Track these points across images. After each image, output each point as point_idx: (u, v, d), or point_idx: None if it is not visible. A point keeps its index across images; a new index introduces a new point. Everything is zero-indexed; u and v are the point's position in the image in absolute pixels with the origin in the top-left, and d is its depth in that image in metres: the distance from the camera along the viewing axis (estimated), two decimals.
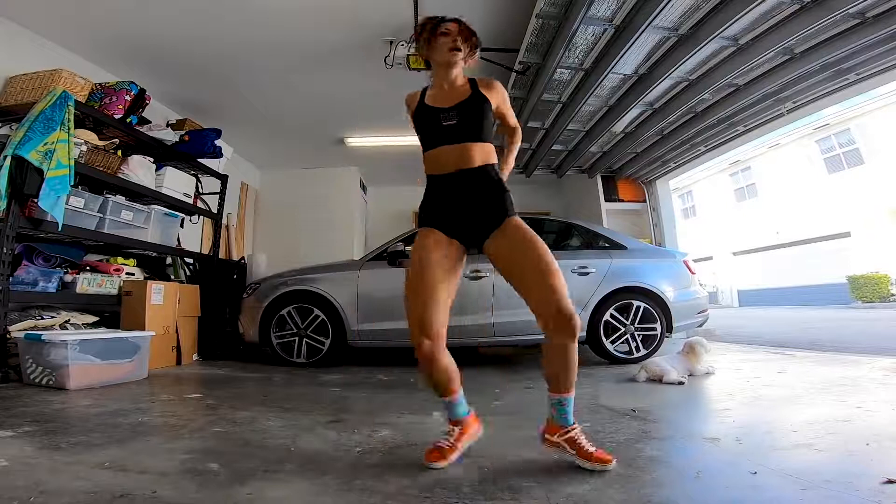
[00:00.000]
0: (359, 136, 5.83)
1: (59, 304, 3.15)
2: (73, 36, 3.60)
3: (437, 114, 1.49)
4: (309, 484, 1.24)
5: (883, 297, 13.23)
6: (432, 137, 1.50)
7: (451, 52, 1.51)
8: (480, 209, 1.45)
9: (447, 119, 1.47)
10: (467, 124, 1.47)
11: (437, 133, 1.49)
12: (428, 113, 1.51)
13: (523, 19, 3.35)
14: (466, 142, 1.46)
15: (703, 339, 3.03)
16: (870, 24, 3.13)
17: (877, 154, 14.36)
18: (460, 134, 1.46)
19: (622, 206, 6.80)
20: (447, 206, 1.47)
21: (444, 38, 1.52)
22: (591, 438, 1.42)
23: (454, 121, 1.46)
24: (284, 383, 2.92)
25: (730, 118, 4.78)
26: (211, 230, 4.81)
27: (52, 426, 1.75)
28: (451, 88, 1.55)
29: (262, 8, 3.33)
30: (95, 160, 3.28)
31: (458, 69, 1.56)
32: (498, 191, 1.46)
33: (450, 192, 1.47)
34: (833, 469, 1.29)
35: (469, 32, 1.54)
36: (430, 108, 1.51)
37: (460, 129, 1.46)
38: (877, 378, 2.65)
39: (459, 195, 1.46)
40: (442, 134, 1.48)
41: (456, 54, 1.51)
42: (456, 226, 1.47)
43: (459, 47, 1.51)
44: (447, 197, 1.48)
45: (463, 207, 1.46)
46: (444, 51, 1.51)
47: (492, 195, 1.45)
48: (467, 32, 1.54)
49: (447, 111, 1.48)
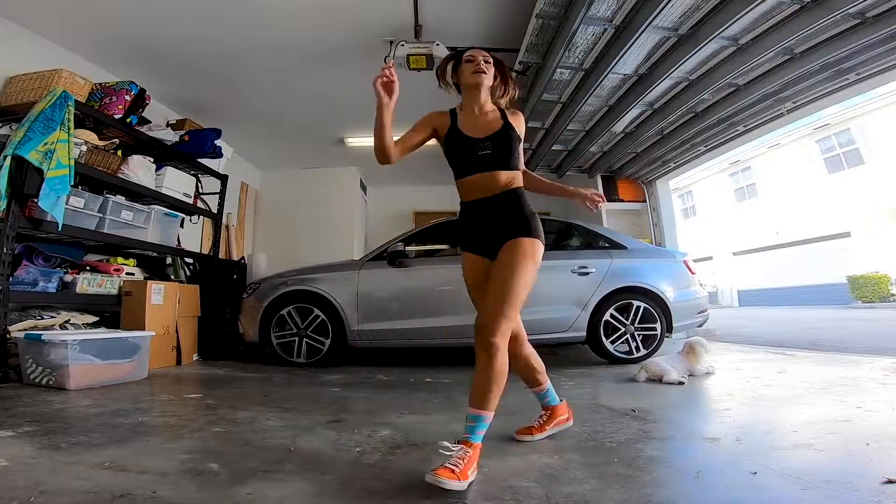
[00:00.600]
0: (359, 136, 5.82)
1: (59, 304, 3.15)
2: (73, 36, 3.60)
3: (474, 143, 1.57)
4: (309, 484, 1.24)
5: (883, 297, 13.23)
6: (467, 166, 1.58)
7: (476, 74, 1.60)
8: (502, 225, 1.54)
9: (483, 149, 1.55)
10: (500, 155, 1.56)
11: (472, 162, 1.57)
12: (463, 142, 1.58)
13: (523, 19, 3.35)
14: (497, 170, 1.55)
15: (703, 339, 3.03)
16: (870, 24, 3.13)
17: (877, 154, 14.36)
18: (493, 163, 1.55)
19: (622, 206, 6.80)
20: (478, 228, 1.58)
21: (469, 63, 1.62)
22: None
23: (489, 151, 1.55)
24: (284, 383, 2.92)
25: (730, 118, 4.78)
26: (211, 230, 4.81)
27: (52, 426, 1.75)
28: (482, 115, 1.62)
29: (262, 8, 3.33)
30: (95, 160, 3.28)
31: (486, 93, 1.63)
32: (519, 211, 1.56)
33: (480, 216, 1.58)
34: (833, 469, 1.29)
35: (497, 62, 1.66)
36: (466, 138, 1.58)
37: (494, 159, 1.55)
38: (877, 378, 2.65)
39: (488, 217, 1.56)
40: (477, 163, 1.56)
41: (481, 76, 1.59)
42: (485, 244, 1.57)
43: (484, 70, 1.60)
44: (478, 220, 1.58)
45: (489, 226, 1.56)
46: (469, 73, 1.61)
47: (514, 214, 1.55)
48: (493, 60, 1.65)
49: (482, 142, 1.56)
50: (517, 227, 1.52)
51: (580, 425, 1.83)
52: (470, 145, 1.57)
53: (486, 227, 1.56)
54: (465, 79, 1.63)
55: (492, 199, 1.55)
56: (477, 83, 1.60)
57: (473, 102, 1.63)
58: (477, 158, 1.55)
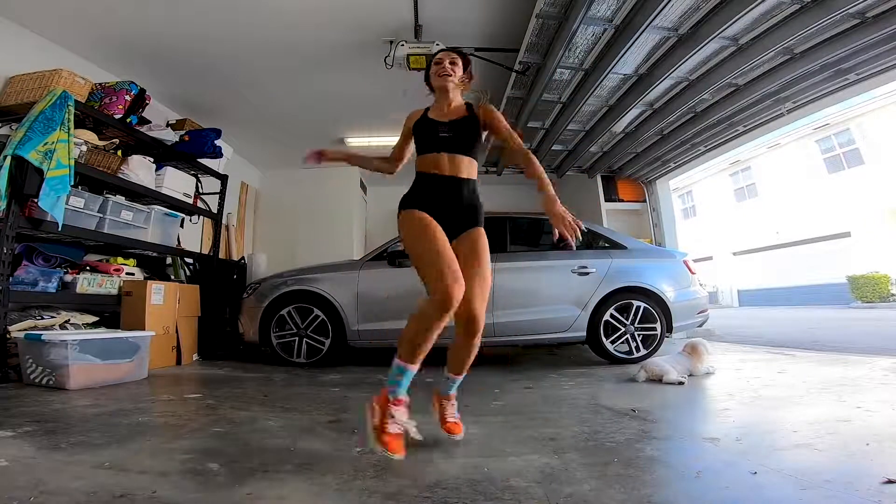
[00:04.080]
0: (359, 136, 5.82)
1: (59, 304, 3.15)
2: (73, 36, 3.60)
3: (436, 126, 1.72)
4: (309, 484, 1.24)
5: (883, 297, 13.22)
6: (429, 144, 1.72)
7: (443, 78, 1.78)
8: (460, 211, 1.67)
9: (443, 131, 1.70)
10: (460, 139, 1.70)
11: (433, 141, 1.71)
12: (428, 124, 1.75)
13: (523, 19, 3.35)
14: (457, 153, 1.69)
15: (703, 339, 3.03)
16: (870, 24, 3.13)
17: (877, 154, 14.36)
18: (453, 145, 1.69)
19: (622, 206, 6.80)
20: (435, 200, 1.66)
21: (437, 66, 1.80)
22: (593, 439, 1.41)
23: (449, 134, 1.70)
24: (284, 383, 2.92)
25: (730, 118, 4.78)
26: (211, 230, 4.81)
27: (52, 426, 1.75)
28: (449, 108, 1.79)
29: (263, 8, 3.33)
30: (95, 160, 3.28)
31: (453, 92, 1.80)
32: (476, 202, 1.71)
33: (438, 191, 1.67)
34: (833, 469, 1.29)
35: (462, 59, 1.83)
36: (430, 120, 1.76)
37: (454, 142, 1.69)
38: (877, 378, 2.65)
39: (446, 195, 1.67)
40: (438, 143, 1.70)
41: (446, 78, 1.77)
42: (442, 214, 1.64)
43: (450, 72, 1.77)
44: (435, 193, 1.67)
45: (449, 204, 1.66)
46: (436, 76, 1.79)
47: (471, 204, 1.69)
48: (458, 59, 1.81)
49: (444, 125, 1.72)
50: (478, 216, 1.70)
51: (580, 425, 1.83)
52: (433, 127, 1.72)
53: (447, 201, 1.65)
54: (434, 81, 1.81)
55: (451, 178, 1.67)
56: (443, 85, 1.78)
57: (443, 100, 1.80)
58: (438, 139, 1.69)
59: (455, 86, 1.79)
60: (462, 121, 1.72)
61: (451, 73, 1.77)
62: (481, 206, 1.72)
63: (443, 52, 1.84)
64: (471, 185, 1.70)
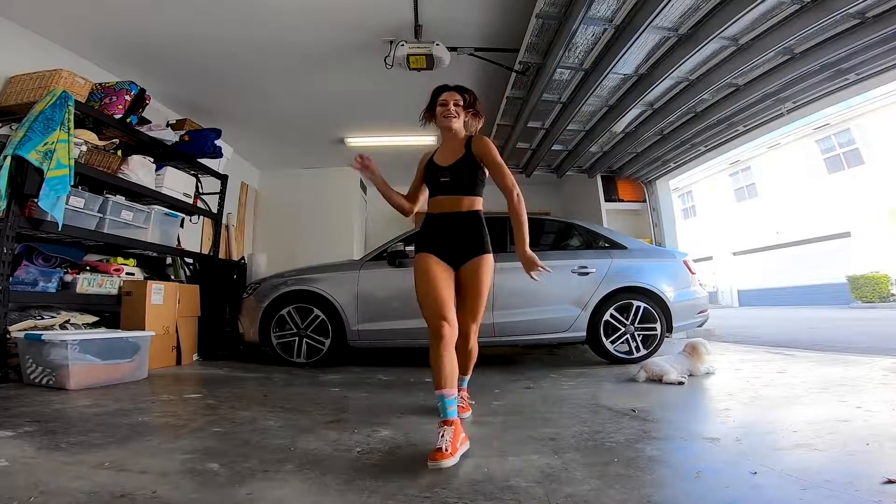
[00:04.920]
0: (359, 136, 5.82)
1: (59, 304, 3.15)
2: (73, 36, 3.60)
3: (438, 171, 1.89)
4: (309, 484, 1.24)
5: (883, 297, 13.23)
6: (434, 188, 1.91)
7: (447, 119, 1.89)
8: (464, 241, 1.83)
9: (443, 176, 1.86)
10: (458, 182, 1.85)
11: (436, 186, 1.89)
12: (432, 169, 1.91)
13: (523, 19, 3.35)
14: (457, 194, 1.85)
15: (703, 339, 3.03)
16: (870, 24, 3.13)
17: (877, 154, 14.36)
18: (453, 188, 1.86)
19: (622, 206, 6.80)
20: (440, 237, 1.85)
21: (442, 108, 1.90)
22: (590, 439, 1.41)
23: (448, 178, 1.85)
24: (284, 383, 2.92)
25: (730, 118, 4.78)
26: (211, 230, 4.81)
27: (52, 426, 1.75)
28: (451, 147, 1.91)
29: (263, 8, 3.33)
30: (95, 160, 3.28)
31: (457, 129, 1.91)
32: (479, 230, 1.85)
33: (443, 228, 1.85)
34: (833, 469, 1.29)
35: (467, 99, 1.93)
36: (434, 166, 1.91)
37: (453, 185, 1.85)
38: (877, 378, 2.65)
39: (447, 231, 1.84)
40: (440, 187, 1.88)
41: (451, 119, 1.88)
42: (446, 251, 1.83)
43: (454, 114, 1.88)
44: (441, 231, 1.85)
45: (452, 238, 1.84)
46: (441, 117, 1.91)
47: (474, 233, 1.84)
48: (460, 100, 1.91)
49: (444, 170, 1.87)
50: (480, 244, 1.84)
51: (580, 425, 1.84)
52: (435, 172, 1.89)
53: (450, 238, 1.83)
54: (438, 121, 1.93)
55: (454, 215, 1.85)
56: (447, 126, 1.90)
57: (446, 138, 1.93)
58: (440, 184, 1.87)
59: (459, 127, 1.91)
60: (460, 163, 1.84)
61: (455, 116, 1.88)
62: (483, 234, 1.85)
63: (447, 93, 1.92)
64: (472, 217, 1.85)
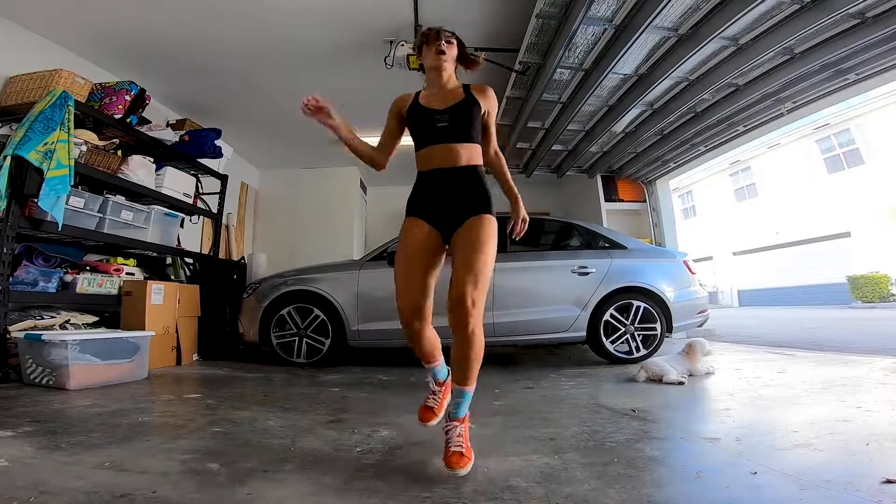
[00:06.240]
0: (358, 136, 5.81)
1: (59, 304, 3.15)
2: (73, 36, 3.60)
3: (432, 115, 1.58)
4: (309, 484, 1.24)
5: (883, 297, 13.22)
6: (425, 137, 1.59)
7: (437, 55, 1.61)
8: (463, 201, 1.54)
9: (441, 121, 1.56)
10: (458, 126, 1.56)
11: (429, 133, 1.58)
12: (422, 113, 1.60)
13: (523, 19, 3.35)
14: (455, 142, 1.56)
15: (704, 339, 3.03)
16: (870, 24, 3.13)
17: (877, 154, 14.36)
18: (451, 135, 1.56)
19: (622, 206, 6.80)
20: (433, 198, 1.57)
21: (430, 44, 1.63)
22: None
23: (446, 123, 1.56)
24: (284, 383, 2.92)
25: (730, 118, 4.78)
26: (211, 230, 4.81)
27: (52, 426, 1.75)
28: (444, 90, 1.64)
29: (263, 8, 3.33)
30: (95, 160, 3.28)
31: (448, 72, 1.65)
32: (478, 189, 1.56)
33: (436, 186, 1.57)
34: (833, 469, 1.29)
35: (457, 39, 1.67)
36: (425, 109, 1.60)
37: (451, 131, 1.56)
38: (877, 378, 2.65)
39: (445, 189, 1.56)
40: (434, 134, 1.57)
41: (441, 57, 1.61)
42: (439, 215, 1.56)
43: (444, 50, 1.61)
44: (434, 190, 1.57)
45: (447, 199, 1.55)
46: (430, 55, 1.63)
47: (475, 191, 1.55)
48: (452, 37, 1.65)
49: (441, 113, 1.57)
50: (480, 203, 1.53)
51: (580, 425, 1.84)
52: (428, 116, 1.58)
53: (444, 199, 1.55)
54: (427, 61, 1.64)
55: (450, 170, 1.55)
56: (437, 65, 1.62)
57: (436, 81, 1.65)
58: (435, 130, 1.56)
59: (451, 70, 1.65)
60: (460, 105, 1.57)
61: (445, 52, 1.61)
62: (486, 192, 1.56)
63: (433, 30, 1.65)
64: (472, 172, 1.56)
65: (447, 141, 1.55)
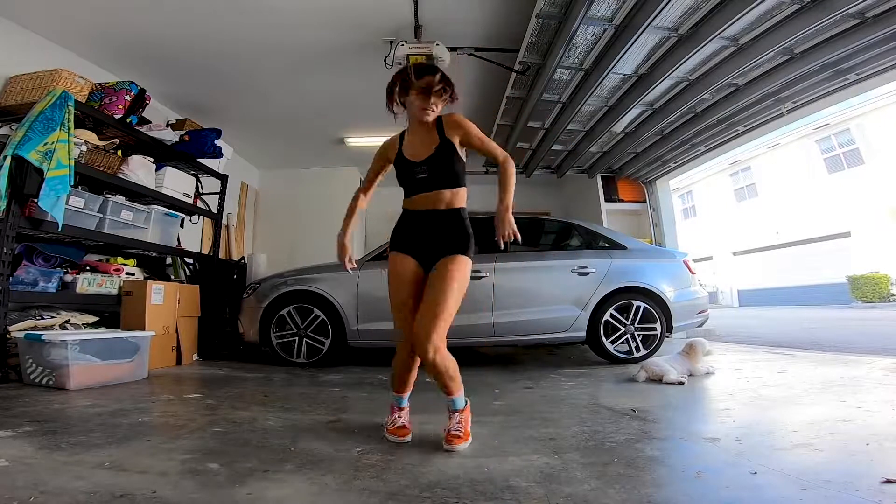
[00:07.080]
0: (359, 136, 5.83)
1: (59, 304, 3.15)
2: (73, 36, 3.60)
3: (412, 167, 1.68)
4: (309, 484, 1.24)
5: (883, 297, 13.22)
6: (409, 187, 1.71)
7: (423, 112, 1.64)
8: (441, 241, 1.66)
9: (420, 173, 1.67)
10: (437, 176, 1.66)
11: (412, 184, 1.70)
12: (404, 166, 1.71)
13: (523, 19, 3.35)
14: (437, 189, 1.66)
15: (704, 339, 3.03)
16: (870, 24, 3.13)
17: (877, 154, 14.36)
18: (431, 184, 1.66)
19: (622, 206, 6.80)
20: (416, 236, 1.70)
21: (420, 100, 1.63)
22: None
23: (426, 174, 1.66)
24: (284, 383, 2.92)
25: (730, 118, 4.78)
26: (211, 230, 4.81)
27: (52, 426, 1.75)
28: (421, 133, 1.71)
29: (263, 8, 3.33)
30: (95, 160, 3.28)
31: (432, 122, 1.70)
32: (456, 230, 1.67)
33: (419, 226, 1.69)
34: (833, 469, 1.29)
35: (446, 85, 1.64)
36: (407, 162, 1.70)
37: (431, 181, 1.66)
38: (877, 378, 2.65)
39: (426, 229, 1.68)
40: (417, 185, 1.68)
41: (428, 113, 1.65)
42: (421, 252, 1.68)
43: (432, 109, 1.64)
44: (417, 229, 1.70)
45: (428, 238, 1.67)
46: (418, 109, 1.64)
47: (454, 233, 1.67)
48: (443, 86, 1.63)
49: (419, 165, 1.67)
50: (457, 244, 1.65)
51: (580, 425, 1.83)
52: (409, 169, 1.69)
53: (426, 236, 1.67)
54: (413, 110, 1.67)
55: (432, 212, 1.67)
56: (422, 118, 1.66)
57: (418, 131, 1.72)
58: (416, 181, 1.68)
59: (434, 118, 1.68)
60: (436, 154, 1.64)
61: (432, 111, 1.63)
62: (465, 233, 1.66)
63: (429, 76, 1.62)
64: (453, 215, 1.66)
65: (429, 190, 1.66)
